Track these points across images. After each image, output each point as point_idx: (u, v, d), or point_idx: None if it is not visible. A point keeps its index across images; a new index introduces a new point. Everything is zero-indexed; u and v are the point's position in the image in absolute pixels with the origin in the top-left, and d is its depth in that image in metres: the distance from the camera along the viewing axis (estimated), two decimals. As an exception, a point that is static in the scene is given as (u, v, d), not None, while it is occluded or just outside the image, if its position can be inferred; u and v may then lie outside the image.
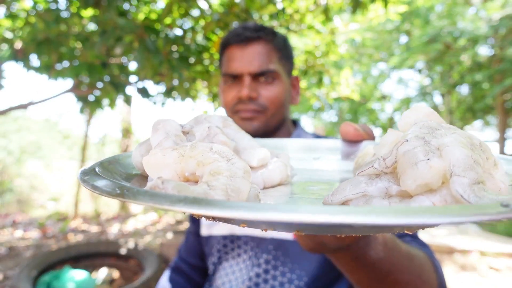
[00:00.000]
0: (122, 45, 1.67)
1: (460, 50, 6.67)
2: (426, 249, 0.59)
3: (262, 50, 0.78)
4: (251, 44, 0.78)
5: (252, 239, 0.79)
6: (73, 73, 1.79)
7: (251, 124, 0.78)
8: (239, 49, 0.78)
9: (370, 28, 7.73)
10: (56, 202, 5.03)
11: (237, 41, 0.78)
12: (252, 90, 0.77)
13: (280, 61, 0.80)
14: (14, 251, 3.07)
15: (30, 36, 1.79)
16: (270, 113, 0.78)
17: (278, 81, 0.79)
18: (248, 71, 0.77)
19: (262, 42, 0.78)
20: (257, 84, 0.78)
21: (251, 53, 0.77)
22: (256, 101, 0.77)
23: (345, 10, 2.87)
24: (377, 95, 10.20)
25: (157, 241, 3.38)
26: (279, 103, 0.79)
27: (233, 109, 0.80)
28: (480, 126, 10.01)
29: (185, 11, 1.96)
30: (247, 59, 0.77)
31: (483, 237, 3.87)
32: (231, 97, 0.79)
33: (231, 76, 0.79)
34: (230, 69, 0.78)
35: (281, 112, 0.80)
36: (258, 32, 0.78)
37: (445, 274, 0.56)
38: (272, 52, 0.79)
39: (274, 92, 0.78)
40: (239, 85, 0.79)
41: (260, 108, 0.77)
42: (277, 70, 0.78)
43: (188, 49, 1.86)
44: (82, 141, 5.30)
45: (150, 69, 1.79)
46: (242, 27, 0.80)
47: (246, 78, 0.77)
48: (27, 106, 2.18)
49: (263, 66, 0.77)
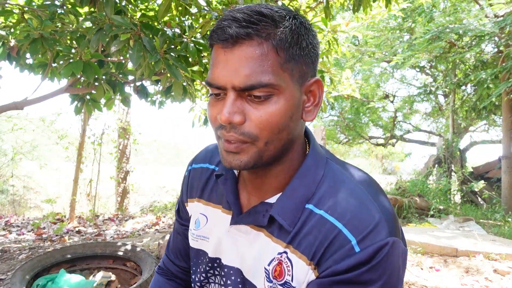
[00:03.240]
0: (118, 43, 1.62)
1: (464, 48, 6.59)
2: None
3: (253, 53, 0.54)
4: (239, 45, 0.54)
5: (239, 273, 0.70)
6: (68, 72, 1.75)
7: (238, 158, 0.58)
8: (224, 51, 0.56)
9: (372, 26, 7.66)
10: (51, 203, 5.00)
11: (219, 39, 0.55)
12: (235, 112, 0.55)
13: (285, 65, 0.56)
14: (8, 253, 3.03)
15: (24, 33, 1.75)
16: (263, 142, 0.57)
17: (278, 97, 0.56)
18: (232, 84, 0.55)
19: (255, 42, 0.55)
20: (246, 102, 0.56)
21: (238, 58, 0.54)
22: (241, 127, 0.56)
23: (347, 8, 2.81)
24: (379, 94, 10.14)
25: (155, 242, 3.35)
26: (276, 127, 0.57)
27: (216, 131, 0.60)
28: (484, 126, 9.93)
29: (183, 9, 1.91)
30: (231, 67, 0.55)
31: (488, 239, 3.81)
32: (214, 116, 0.59)
33: (212, 87, 0.58)
34: (211, 77, 0.58)
35: (280, 137, 0.58)
36: (248, 27, 0.54)
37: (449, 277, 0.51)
38: (271, 54, 0.55)
39: (268, 114, 0.55)
40: (223, 100, 0.58)
41: (247, 138, 0.56)
42: (273, 83, 0.55)
43: (186, 48, 1.81)
44: (78, 141, 5.27)
45: (147, 68, 1.74)
46: (231, 16, 0.55)
47: (230, 94, 0.56)
48: (22, 105, 2.14)
49: (252, 78, 0.54)
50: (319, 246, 0.58)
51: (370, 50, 8.57)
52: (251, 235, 0.67)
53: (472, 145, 9.43)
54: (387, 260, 0.55)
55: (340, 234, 0.57)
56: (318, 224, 0.59)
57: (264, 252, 0.65)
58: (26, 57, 2.04)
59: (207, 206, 0.77)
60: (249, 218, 0.66)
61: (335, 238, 0.57)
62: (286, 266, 0.62)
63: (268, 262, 0.64)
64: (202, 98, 3.35)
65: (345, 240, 0.56)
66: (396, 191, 6.56)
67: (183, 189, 0.84)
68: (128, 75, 2.35)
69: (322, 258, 0.58)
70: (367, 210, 0.58)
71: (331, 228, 0.58)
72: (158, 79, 2.28)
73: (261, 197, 0.67)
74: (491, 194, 6.95)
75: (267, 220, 0.63)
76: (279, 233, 0.63)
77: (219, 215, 0.73)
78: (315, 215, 0.60)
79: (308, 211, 0.61)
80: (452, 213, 5.84)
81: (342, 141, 11.84)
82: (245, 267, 0.68)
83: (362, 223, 0.57)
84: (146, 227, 4.49)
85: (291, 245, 0.61)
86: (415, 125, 11.38)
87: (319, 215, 0.60)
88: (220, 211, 0.74)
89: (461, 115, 8.86)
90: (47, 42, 1.73)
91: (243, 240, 0.68)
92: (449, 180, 7.37)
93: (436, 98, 9.93)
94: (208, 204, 0.77)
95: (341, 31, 2.66)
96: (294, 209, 0.62)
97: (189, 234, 0.80)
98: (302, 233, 0.61)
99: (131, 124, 6.74)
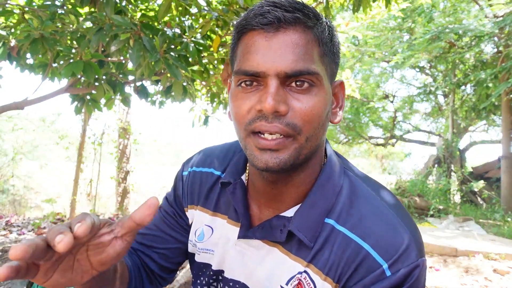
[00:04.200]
0: (118, 42, 1.63)
1: (464, 48, 6.59)
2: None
3: (299, 40, 0.52)
4: (284, 30, 0.52)
5: (241, 286, 0.66)
6: (69, 72, 1.75)
7: (277, 156, 0.53)
8: (264, 36, 0.52)
9: (372, 26, 7.66)
10: (51, 203, 5.00)
11: (261, 23, 0.52)
12: (281, 101, 0.51)
13: (323, 58, 0.55)
14: (8, 253, 3.02)
15: (24, 33, 1.75)
16: (305, 137, 0.53)
17: (318, 89, 0.54)
18: (277, 70, 0.51)
19: (300, 28, 0.53)
20: (288, 91, 0.53)
21: (283, 43, 0.51)
22: (284, 118, 0.52)
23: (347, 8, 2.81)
24: (379, 94, 10.14)
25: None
26: (317, 121, 0.53)
27: (248, 127, 0.54)
28: (484, 126, 9.93)
29: (183, 9, 1.91)
30: (276, 52, 0.51)
31: (487, 239, 3.82)
32: (246, 109, 0.54)
33: (248, 75, 0.53)
34: (247, 64, 0.53)
35: (318, 135, 0.55)
36: (295, 12, 0.52)
37: (449, 277, 0.52)
38: (314, 45, 0.53)
39: (311, 106, 0.52)
40: (260, 91, 0.53)
41: (291, 130, 0.52)
42: (318, 72, 0.53)
43: (186, 48, 1.81)
44: (79, 141, 5.27)
45: (147, 68, 1.74)
46: (272, 2, 0.53)
47: (272, 81, 0.52)
48: (22, 105, 2.14)
49: (300, 64, 0.51)
50: (345, 268, 0.55)
51: (370, 50, 8.57)
52: (263, 250, 0.62)
53: (472, 145, 9.44)
54: (417, 281, 0.54)
55: (369, 256, 0.54)
56: (342, 243, 0.56)
57: (279, 270, 0.60)
58: (26, 57, 2.05)
59: (214, 217, 0.71)
60: (262, 233, 0.61)
61: (363, 261, 0.54)
62: (308, 286, 0.58)
63: (286, 281, 0.59)
64: (202, 98, 3.36)
65: (375, 264, 0.54)
66: (396, 191, 6.57)
67: (182, 193, 0.76)
68: (128, 75, 2.35)
69: (349, 281, 0.55)
70: (394, 230, 0.55)
71: (356, 248, 0.55)
72: (158, 79, 2.29)
73: (276, 210, 0.62)
74: (491, 194, 6.95)
75: (285, 236, 0.59)
76: (298, 249, 0.59)
77: (225, 227, 0.69)
78: (338, 233, 0.57)
79: (330, 227, 0.58)
80: (451, 213, 5.84)
81: (342, 141, 11.85)
82: (253, 283, 0.64)
83: (392, 245, 0.54)
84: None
85: (313, 264, 0.58)
86: (415, 125, 11.39)
87: (342, 233, 0.57)
88: (225, 222, 0.69)
89: (460, 115, 8.87)
90: (48, 42, 1.74)
91: (253, 255, 0.63)
92: (449, 180, 7.38)
93: (436, 98, 9.93)
94: (215, 214, 0.71)
95: (341, 31, 2.66)
96: (314, 223, 0.58)
97: (190, 245, 0.75)
98: (325, 252, 0.57)
99: (131, 124, 6.75)
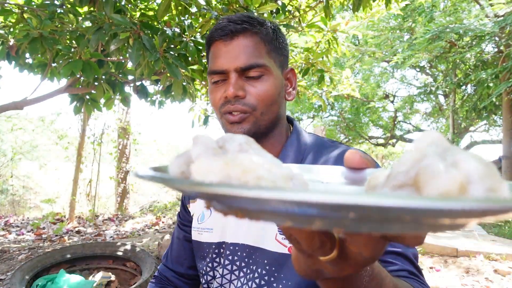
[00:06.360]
0: (117, 41, 1.62)
1: (464, 48, 6.58)
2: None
3: (248, 43, 0.72)
4: (237, 38, 0.73)
5: (243, 248, 0.74)
6: (68, 71, 1.74)
7: (241, 127, 0.73)
8: (224, 44, 0.73)
9: (372, 25, 7.65)
10: (51, 203, 4.99)
11: (221, 35, 0.73)
12: (239, 89, 0.72)
13: (270, 53, 0.75)
14: (7, 254, 3.02)
15: (23, 33, 1.74)
16: (259, 112, 0.73)
17: (268, 76, 0.74)
18: (234, 67, 0.72)
19: (248, 34, 0.73)
20: (245, 81, 0.73)
21: (237, 47, 0.72)
22: (243, 100, 0.72)
23: (347, 7, 2.80)
24: (379, 94, 10.13)
25: (155, 242, 3.34)
26: (269, 100, 0.73)
27: (221, 109, 0.75)
28: (484, 126, 9.91)
29: (183, 8, 1.90)
30: (232, 54, 0.72)
31: (488, 240, 3.81)
32: (218, 98, 0.75)
33: (216, 73, 0.74)
34: (215, 66, 0.74)
35: (272, 110, 0.75)
36: (243, 24, 0.73)
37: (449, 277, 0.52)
38: (260, 44, 0.74)
39: (263, 88, 0.73)
40: (225, 84, 0.74)
41: (248, 108, 0.72)
42: (266, 64, 0.73)
43: (186, 47, 1.80)
44: (78, 141, 5.26)
45: (146, 67, 1.73)
46: (226, 19, 0.74)
47: (232, 75, 0.72)
48: (21, 105, 2.13)
49: (250, 60, 0.71)
50: None
51: (370, 49, 8.56)
52: None
53: (472, 145, 9.43)
54: None
55: None
56: None
57: None
58: (25, 56, 2.04)
59: None
60: None
61: None
62: None
63: (278, 229, 0.71)
64: (202, 98, 3.35)
65: None
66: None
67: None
68: (128, 75, 2.34)
69: None
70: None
71: None
72: (158, 79, 2.28)
73: None
74: (491, 194, 6.93)
75: None
76: None
77: None
78: None
79: None
80: (452, 213, 5.82)
81: (342, 141, 11.83)
82: (251, 237, 0.74)
83: None
84: (146, 227, 4.48)
85: None
86: (415, 125, 11.38)
87: None
88: None
89: (461, 115, 8.85)
90: (47, 42, 1.73)
91: None
92: (449, 180, 7.34)
93: (436, 98, 9.92)
94: None
95: (340, 31, 2.65)
96: None
97: (192, 231, 0.85)
98: None
99: (131, 124, 6.74)
